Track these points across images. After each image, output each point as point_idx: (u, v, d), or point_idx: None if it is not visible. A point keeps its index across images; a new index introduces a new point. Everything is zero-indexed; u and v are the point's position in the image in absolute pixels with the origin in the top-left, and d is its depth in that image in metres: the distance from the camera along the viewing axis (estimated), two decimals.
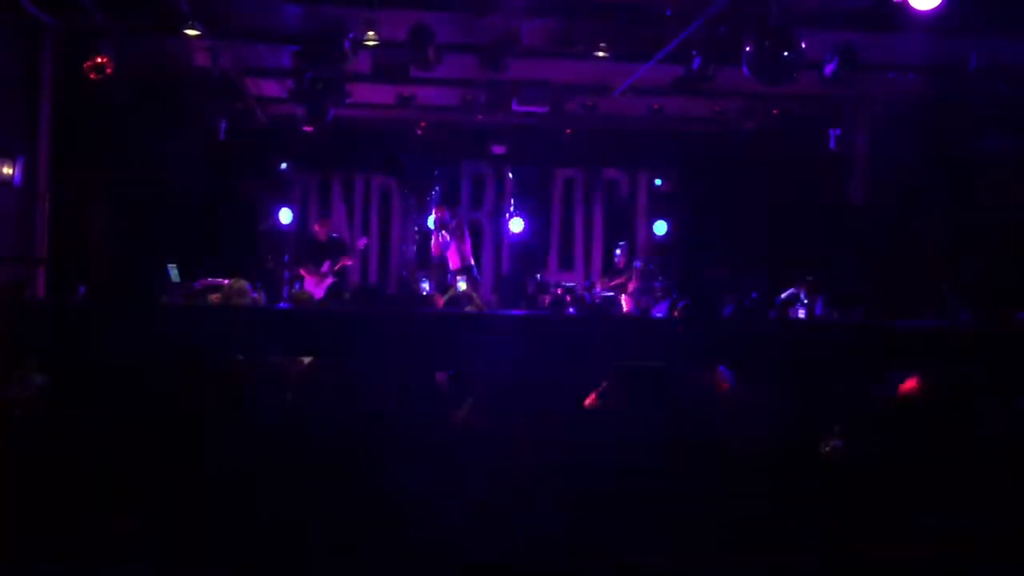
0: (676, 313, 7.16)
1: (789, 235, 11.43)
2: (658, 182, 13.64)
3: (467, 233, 11.65)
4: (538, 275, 12.48)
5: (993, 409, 4.21)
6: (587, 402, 4.20)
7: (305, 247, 11.26)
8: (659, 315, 9.32)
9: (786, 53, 7.31)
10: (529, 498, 3.36)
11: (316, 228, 11.16)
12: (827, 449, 3.92)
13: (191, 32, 8.35)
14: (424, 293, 11.49)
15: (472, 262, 11.61)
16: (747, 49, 7.38)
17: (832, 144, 11.05)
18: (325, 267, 10.73)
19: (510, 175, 13.32)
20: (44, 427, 3.74)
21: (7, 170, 8.31)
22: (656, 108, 11.39)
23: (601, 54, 9.02)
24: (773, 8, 7.29)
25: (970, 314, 7.76)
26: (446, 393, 4.34)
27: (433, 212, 11.87)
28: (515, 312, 9.45)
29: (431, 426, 3.90)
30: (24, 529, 3.23)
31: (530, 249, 13.55)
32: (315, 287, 10.43)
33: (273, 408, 4.03)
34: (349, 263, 11.31)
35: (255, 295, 8.27)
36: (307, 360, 4.54)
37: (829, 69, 8.44)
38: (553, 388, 4.02)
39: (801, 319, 9.39)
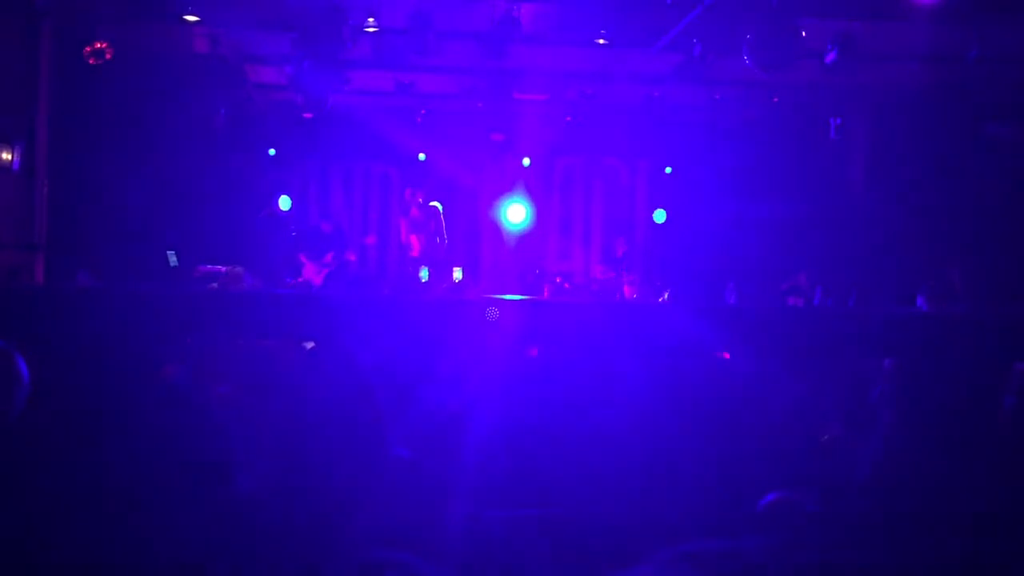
0: None
1: (789, 222, 11.40)
2: (668, 170, 13.56)
3: (437, 224, 10.76)
4: (537, 263, 12.46)
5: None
6: None
7: (309, 236, 11.12)
8: None
9: (786, 41, 7.31)
10: None
11: (320, 220, 11.03)
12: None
13: (190, 18, 8.33)
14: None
15: (436, 256, 10.85)
16: (748, 37, 7.37)
17: (832, 133, 11.02)
18: (328, 258, 10.65)
19: (525, 161, 13.11)
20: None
21: (6, 155, 8.29)
22: (656, 96, 11.35)
23: (601, 41, 8.99)
24: None
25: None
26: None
27: (407, 194, 10.96)
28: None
29: None
30: None
31: (529, 237, 13.51)
32: (314, 275, 10.43)
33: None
34: (352, 258, 11.15)
35: (252, 282, 8.28)
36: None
37: (829, 58, 8.42)
38: None
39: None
